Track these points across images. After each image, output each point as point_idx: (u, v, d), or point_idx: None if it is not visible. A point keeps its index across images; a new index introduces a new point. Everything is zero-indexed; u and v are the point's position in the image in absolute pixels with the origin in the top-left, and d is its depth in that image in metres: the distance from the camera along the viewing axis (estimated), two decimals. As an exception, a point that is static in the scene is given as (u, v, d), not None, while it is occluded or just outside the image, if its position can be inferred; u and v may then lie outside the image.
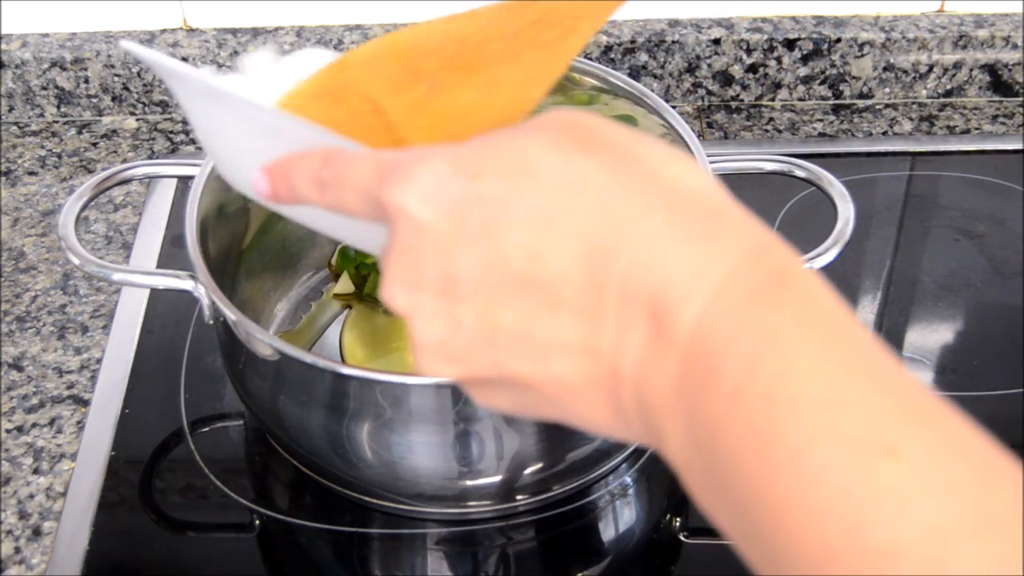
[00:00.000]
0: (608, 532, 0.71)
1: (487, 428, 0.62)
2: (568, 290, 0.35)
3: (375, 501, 0.68)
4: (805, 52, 0.97)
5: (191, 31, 0.98)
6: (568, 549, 0.69)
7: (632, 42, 0.96)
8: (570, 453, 0.65)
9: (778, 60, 0.98)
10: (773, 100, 1.00)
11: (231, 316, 0.61)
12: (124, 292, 0.82)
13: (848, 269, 0.84)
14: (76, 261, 0.67)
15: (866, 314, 0.81)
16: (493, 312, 0.36)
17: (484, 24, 0.44)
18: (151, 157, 0.95)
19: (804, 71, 0.98)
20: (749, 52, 0.97)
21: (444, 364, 0.38)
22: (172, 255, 0.85)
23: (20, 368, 0.77)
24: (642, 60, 0.97)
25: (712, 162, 0.69)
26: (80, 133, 0.97)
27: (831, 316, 0.33)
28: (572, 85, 0.74)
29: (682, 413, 0.33)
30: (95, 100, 0.98)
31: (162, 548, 0.68)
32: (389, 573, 0.68)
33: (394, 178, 0.37)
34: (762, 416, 0.31)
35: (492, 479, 0.64)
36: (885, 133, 0.97)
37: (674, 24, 0.98)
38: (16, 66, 0.96)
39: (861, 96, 1.00)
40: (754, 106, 0.99)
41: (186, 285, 0.66)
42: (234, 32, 0.98)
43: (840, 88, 0.99)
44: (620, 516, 0.71)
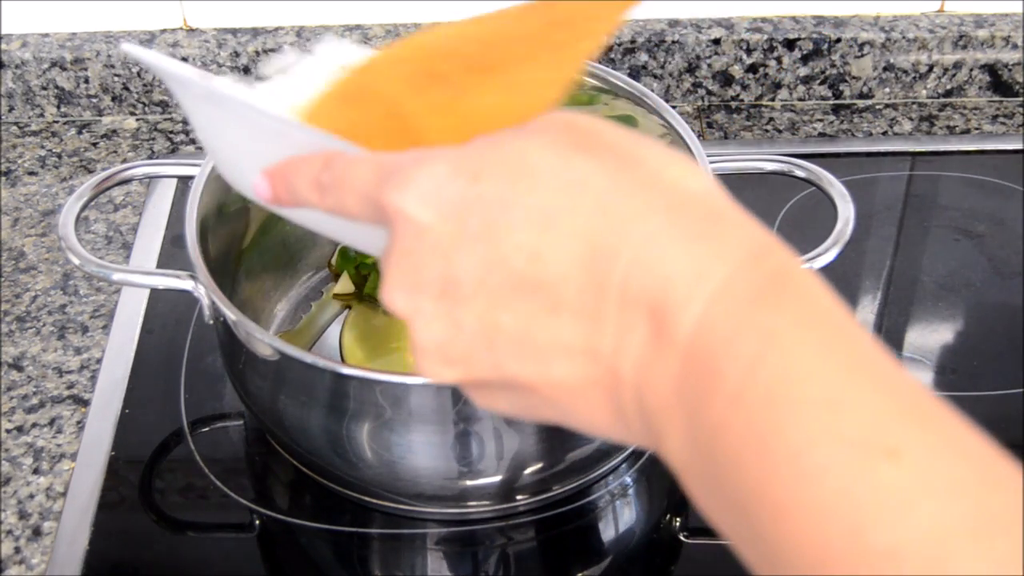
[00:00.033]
0: (608, 532, 0.71)
1: (487, 428, 0.62)
2: (568, 291, 0.35)
3: (375, 501, 0.68)
4: (805, 52, 0.97)
5: (191, 31, 0.98)
6: (568, 549, 0.69)
7: (632, 42, 0.96)
8: (570, 453, 0.65)
9: (778, 60, 0.97)
10: (773, 100, 1.00)
11: (231, 316, 0.61)
12: (124, 292, 0.82)
13: (848, 269, 0.84)
14: (76, 261, 0.67)
15: (866, 314, 0.81)
16: (493, 314, 0.36)
17: (505, 25, 0.44)
18: (151, 157, 0.95)
19: (804, 71, 0.98)
20: (749, 52, 0.97)
21: (444, 367, 0.38)
22: (172, 255, 0.85)
23: (20, 368, 0.77)
24: (642, 60, 0.97)
25: (712, 162, 0.69)
26: (80, 133, 0.97)
27: (831, 317, 0.33)
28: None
29: (682, 414, 0.33)
30: (95, 100, 0.98)
31: (162, 548, 0.68)
32: (389, 573, 0.68)
33: (394, 181, 0.37)
34: (762, 417, 0.31)
35: (492, 479, 0.64)
36: (885, 133, 0.97)
37: (674, 24, 0.98)
38: (16, 66, 0.96)
39: (861, 96, 1.00)
40: (754, 106, 0.99)
41: (186, 285, 0.66)
42: (234, 32, 0.98)
43: (840, 88, 0.99)
44: (620, 516, 0.71)
